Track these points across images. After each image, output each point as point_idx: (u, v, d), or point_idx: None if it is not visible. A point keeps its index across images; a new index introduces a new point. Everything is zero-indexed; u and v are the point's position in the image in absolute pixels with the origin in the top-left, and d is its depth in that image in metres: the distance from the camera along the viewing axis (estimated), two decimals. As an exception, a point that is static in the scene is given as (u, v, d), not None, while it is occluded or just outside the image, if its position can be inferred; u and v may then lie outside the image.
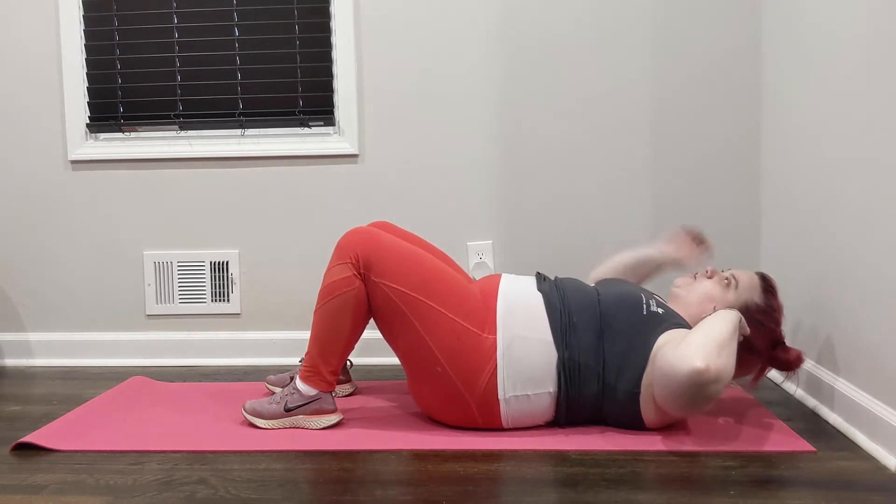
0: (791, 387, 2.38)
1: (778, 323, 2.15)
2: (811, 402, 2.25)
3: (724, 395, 2.37)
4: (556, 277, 2.24)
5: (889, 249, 1.85)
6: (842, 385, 2.09)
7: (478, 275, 2.81)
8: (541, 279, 2.20)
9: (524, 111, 2.82)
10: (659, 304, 2.10)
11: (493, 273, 2.81)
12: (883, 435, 1.86)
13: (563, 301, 2.09)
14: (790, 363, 2.13)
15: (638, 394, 2.00)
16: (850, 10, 2.04)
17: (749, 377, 2.20)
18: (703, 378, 1.81)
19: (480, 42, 2.81)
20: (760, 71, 2.74)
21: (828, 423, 2.12)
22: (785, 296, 2.44)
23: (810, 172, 2.31)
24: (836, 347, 2.14)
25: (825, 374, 2.19)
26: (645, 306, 2.05)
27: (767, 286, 2.18)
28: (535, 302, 2.09)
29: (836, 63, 2.12)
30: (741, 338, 2.01)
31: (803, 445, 1.94)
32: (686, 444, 1.96)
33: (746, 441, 1.97)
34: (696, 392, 1.83)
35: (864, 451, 1.91)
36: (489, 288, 2.14)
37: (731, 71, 2.76)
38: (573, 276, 2.35)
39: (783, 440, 1.98)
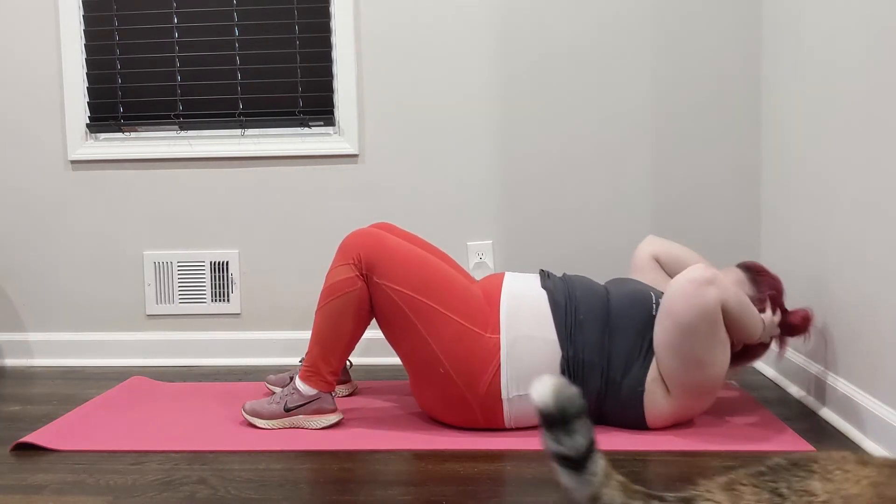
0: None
1: (780, 297, 2.19)
2: (811, 402, 2.25)
3: (725, 394, 2.37)
4: (564, 274, 2.25)
5: (888, 249, 1.85)
6: (842, 385, 2.08)
7: (478, 275, 2.81)
8: (545, 276, 2.20)
9: (524, 111, 2.82)
10: None
11: (494, 272, 2.82)
12: (883, 435, 1.86)
13: (569, 297, 2.09)
14: (798, 325, 2.18)
15: (642, 392, 2.01)
16: (850, 9, 2.04)
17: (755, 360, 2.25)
18: (700, 276, 1.90)
19: (480, 43, 2.81)
20: (760, 71, 2.74)
21: (828, 423, 2.12)
22: (785, 295, 2.44)
23: (810, 172, 2.31)
24: (836, 347, 2.14)
25: (825, 374, 2.19)
26: (654, 305, 2.08)
27: (754, 275, 2.22)
28: (540, 300, 2.09)
29: (837, 62, 2.12)
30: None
31: (803, 445, 1.94)
32: (686, 444, 1.96)
33: (746, 441, 1.97)
34: (695, 300, 1.90)
35: (864, 451, 1.91)
36: (492, 287, 2.14)
37: (731, 71, 2.76)
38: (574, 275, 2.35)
39: (783, 440, 1.97)
